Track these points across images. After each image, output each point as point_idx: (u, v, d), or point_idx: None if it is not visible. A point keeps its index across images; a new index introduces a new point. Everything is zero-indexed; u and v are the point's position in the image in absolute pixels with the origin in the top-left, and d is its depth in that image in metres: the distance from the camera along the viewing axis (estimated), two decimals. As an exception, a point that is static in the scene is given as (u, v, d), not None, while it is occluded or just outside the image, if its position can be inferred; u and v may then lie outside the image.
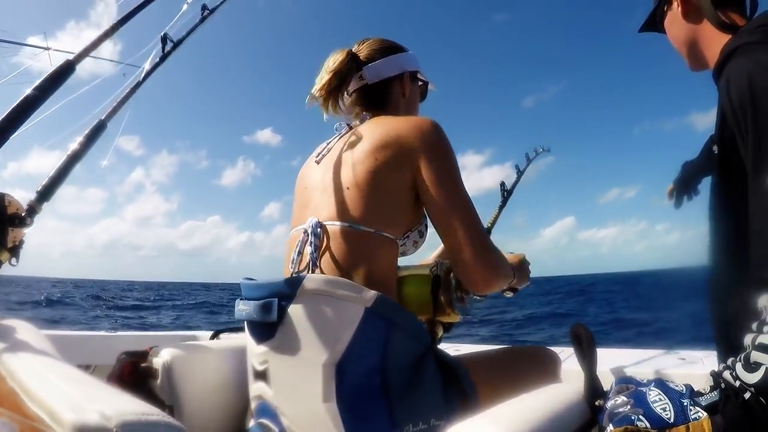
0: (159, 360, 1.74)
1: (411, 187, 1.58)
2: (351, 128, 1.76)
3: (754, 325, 1.17)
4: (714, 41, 1.55)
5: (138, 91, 2.39)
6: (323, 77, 1.74)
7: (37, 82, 1.78)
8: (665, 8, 1.67)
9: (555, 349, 2.13)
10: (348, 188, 1.56)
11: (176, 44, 2.61)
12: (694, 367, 2.10)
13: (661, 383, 1.17)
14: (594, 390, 1.23)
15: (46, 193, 1.80)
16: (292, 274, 1.54)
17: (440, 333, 1.86)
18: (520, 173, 3.15)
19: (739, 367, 1.12)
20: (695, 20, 1.59)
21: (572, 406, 1.16)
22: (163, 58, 2.55)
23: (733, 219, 1.40)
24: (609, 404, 1.14)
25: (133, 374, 1.76)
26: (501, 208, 2.93)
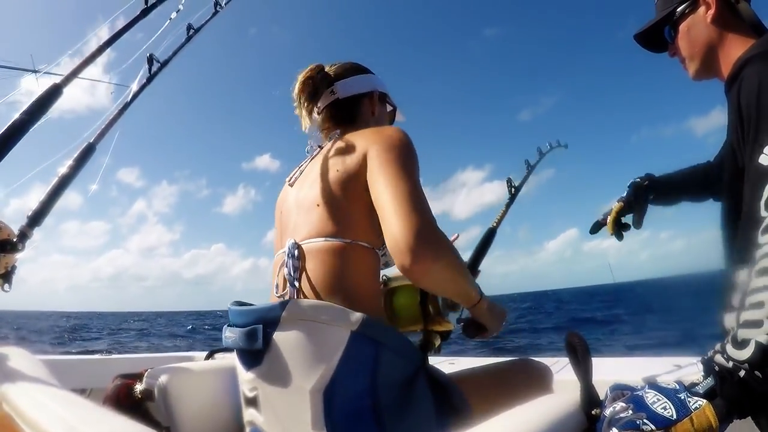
0: (154, 382, 1.73)
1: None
2: (322, 149, 1.76)
3: (737, 301, 1.18)
4: (733, 50, 1.56)
5: (126, 112, 2.40)
6: (296, 85, 1.77)
7: (26, 107, 1.78)
8: (687, 11, 1.65)
9: (550, 359, 2.12)
10: (318, 204, 1.55)
11: (163, 64, 2.62)
12: (689, 372, 2.10)
13: (654, 384, 1.18)
14: (590, 399, 1.22)
15: (36, 218, 1.80)
16: (278, 298, 1.52)
17: (437, 342, 1.83)
18: (530, 168, 3.05)
19: (729, 347, 1.12)
20: (722, 26, 1.60)
21: (569, 416, 1.16)
22: (150, 78, 2.56)
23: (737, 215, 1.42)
24: (607, 411, 1.14)
25: (129, 397, 1.75)
26: (508, 205, 2.84)
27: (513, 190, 2.91)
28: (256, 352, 1.39)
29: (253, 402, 1.44)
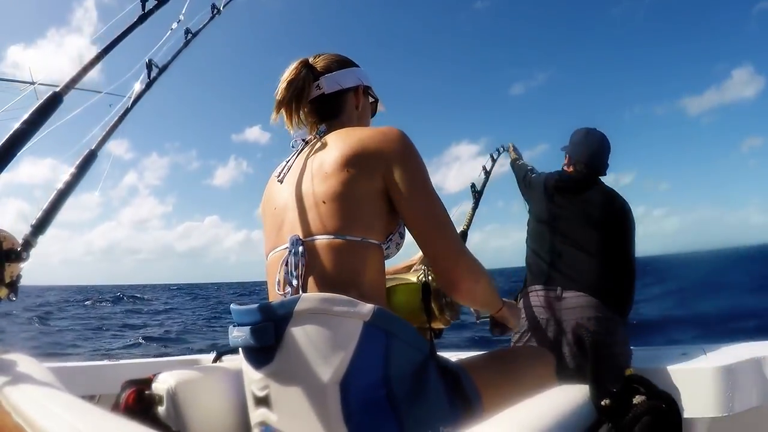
0: (163, 386, 1.73)
1: (384, 194, 1.59)
2: (307, 143, 1.79)
3: None
4: None
5: (126, 117, 2.40)
6: (279, 88, 1.79)
7: (25, 116, 1.78)
8: None
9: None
10: (324, 202, 1.55)
11: (162, 69, 2.62)
12: (696, 362, 2.10)
13: None
14: (600, 390, 1.22)
15: (40, 227, 1.80)
16: (281, 296, 1.52)
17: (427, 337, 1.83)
18: (487, 174, 3.34)
19: None
20: None
21: (579, 407, 1.17)
22: (150, 83, 2.56)
23: None
24: None
25: (138, 402, 1.75)
26: (474, 209, 3.05)
27: (476, 195, 3.18)
28: (266, 349, 1.40)
29: (264, 401, 1.45)
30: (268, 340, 1.38)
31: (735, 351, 2.21)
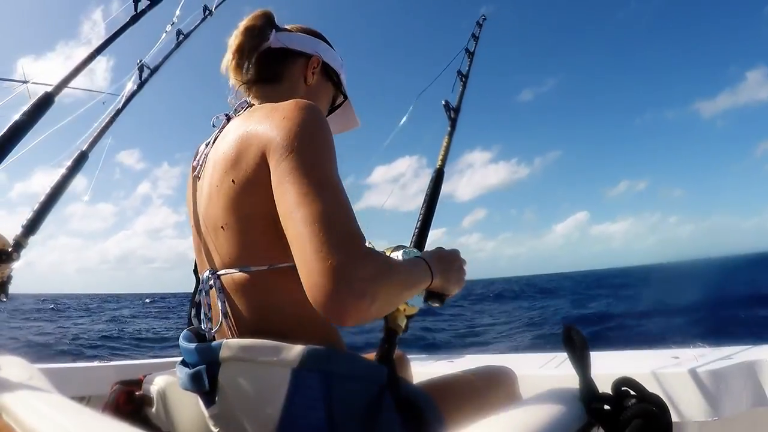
0: (153, 387, 1.73)
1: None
2: (230, 119, 1.46)
3: None
4: None
5: (118, 119, 2.40)
6: (233, 34, 1.52)
7: (17, 116, 1.78)
8: None
9: (548, 354, 2.11)
10: (222, 227, 1.29)
11: (153, 71, 2.63)
12: (688, 365, 2.10)
13: None
14: (590, 393, 1.22)
15: (32, 227, 1.80)
16: (203, 330, 1.40)
17: (404, 323, 1.58)
18: (471, 55, 2.52)
19: None
20: None
21: (569, 410, 1.16)
22: (141, 85, 2.57)
23: None
24: None
25: (129, 403, 1.75)
26: (451, 134, 2.34)
27: (452, 113, 2.39)
28: (206, 392, 1.28)
29: None
30: (202, 387, 1.26)
31: (727, 355, 2.22)
